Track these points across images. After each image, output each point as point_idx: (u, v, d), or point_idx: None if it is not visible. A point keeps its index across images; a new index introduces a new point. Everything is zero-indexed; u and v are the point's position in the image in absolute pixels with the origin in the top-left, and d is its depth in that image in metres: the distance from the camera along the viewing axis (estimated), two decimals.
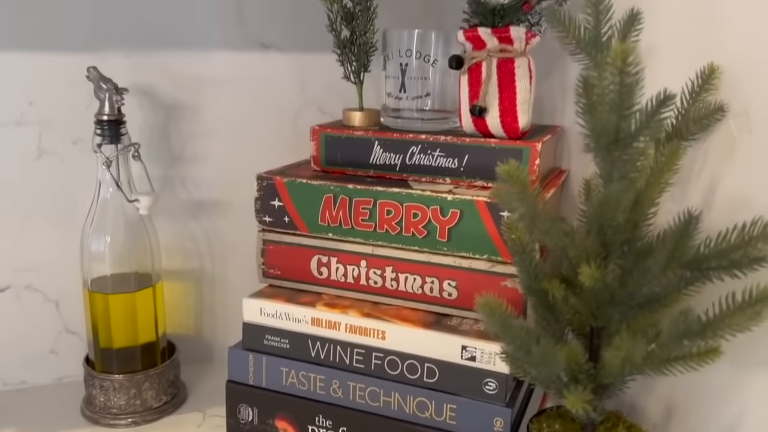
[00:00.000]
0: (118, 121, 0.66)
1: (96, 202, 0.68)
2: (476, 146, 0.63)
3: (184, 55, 0.75)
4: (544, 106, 0.75)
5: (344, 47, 0.69)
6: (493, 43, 0.60)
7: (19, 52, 0.69)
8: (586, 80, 0.45)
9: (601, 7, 0.49)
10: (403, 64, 0.66)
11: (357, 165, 0.68)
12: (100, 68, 0.67)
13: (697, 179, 0.56)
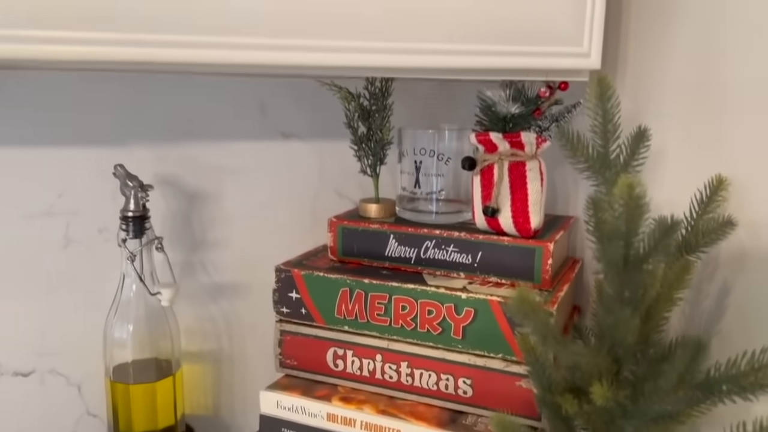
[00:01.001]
0: (143, 216, 0.68)
1: (120, 292, 0.70)
2: (489, 243, 0.64)
3: (207, 146, 0.78)
4: (557, 194, 0.77)
5: (361, 143, 0.71)
6: (504, 146, 0.61)
7: (50, 147, 0.73)
8: (596, 202, 0.46)
9: (609, 126, 0.50)
10: (418, 161, 0.68)
11: (373, 257, 0.69)
12: (126, 160, 0.70)
13: (708, 283, 0.57)
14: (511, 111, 0.59)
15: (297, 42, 0.49)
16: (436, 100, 0.80)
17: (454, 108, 0.79)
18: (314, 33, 0.49)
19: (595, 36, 0.55)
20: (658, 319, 0.49)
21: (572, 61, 0.55)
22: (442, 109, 0.81)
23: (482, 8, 0.53)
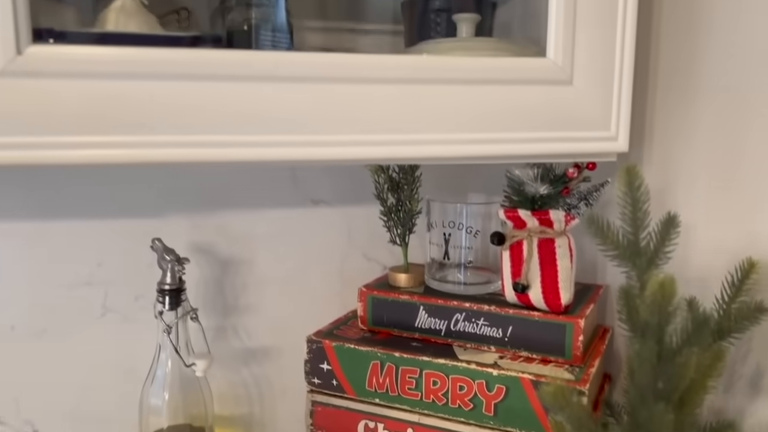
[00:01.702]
0: (179, 289, 0.70)
1: (156, 362, 0.72)
2: (520, 318, 0.64)
3: (239, 214, 0.80)
4: (585, 260, 0.77)
5: (390, 213, 0.73)
6: (533, 223, 0.62)
7: (90, 219, 0.75)
8: (627, 293, 0.47)
9: (638, 214, 0.51)
10: (447, 234, 0.69)
11: (403, 327, 0.70)
12: (162, 229, 0.72)
13: (742, 365, 0.57)
14: (539, 191, 0.60)
15: (329, 138, 0.50)
16: (465, 170, 0.82)
17: (482, 178, 0.80)
18: (347, 129, 0.51)
19: (623, 119, 0.56)
20: (692, 406, 0.49)
21: (600, 145, 0.56)
22: (470, 179, 0.83)
23: (509, 97, 0.54)
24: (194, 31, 0.63)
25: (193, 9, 0.65)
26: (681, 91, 0.63)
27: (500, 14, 0.77)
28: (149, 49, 0.47)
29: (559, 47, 0.55)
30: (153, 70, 0.47)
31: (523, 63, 0.55)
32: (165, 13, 0.64)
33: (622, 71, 0.56)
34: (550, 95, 0.55)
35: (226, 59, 0.49)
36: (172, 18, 0.65)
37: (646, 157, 0.66)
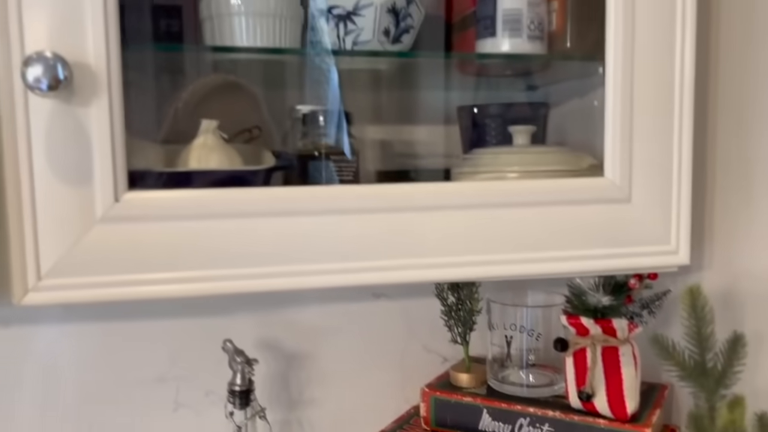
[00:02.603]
0: (249, 390, 0.73)
1: None
2: (585, 425, 0.64)
3: (304, 309, 0.83)
4: (648, 356, 0.77)
5: (450, 312, 0.74)
6: (596, 331, 0.63)
7: (162, 319, 0.79)
8: (697, 419, 0.47)
9: (703, 332, 0.51)
10: (508, 336, 0.70)
11: (466, 429, 0.71)
12: (232, 327, 0.75)
13: None
14: (601, 302, 0.61)
15: (400, 262, 0.53)
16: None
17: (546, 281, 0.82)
18: (416, 253, 0.53)
19: (683, 233, 0.57)
20: None
21: (660, 259, 0.57)
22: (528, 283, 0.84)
23: (568, 216, 0.56)
24: (265, 148, 0.67)
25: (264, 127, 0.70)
26: (739, 190, 0.64)
27: (553, 116, 0.79)
28: (228, 190, 0.51)
29: (616, 167, 0.57)
30: (231, 210, 0.51)
31: (582, 183, 0.57)
32: (239, 131, 0.69)
33: (680, 186, 0.58)
34: (609, 213, 0.56)
35: (297, 196, 0.52)
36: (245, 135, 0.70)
37: (707, 260, 0.66)
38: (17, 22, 0.46)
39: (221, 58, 0.65)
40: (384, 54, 0.63)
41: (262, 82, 0.70)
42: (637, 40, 0.57)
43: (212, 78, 0.66)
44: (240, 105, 0.70)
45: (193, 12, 0.60)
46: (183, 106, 0.64)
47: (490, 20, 0.61)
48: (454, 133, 0.83)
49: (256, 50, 0.58)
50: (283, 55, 0.62)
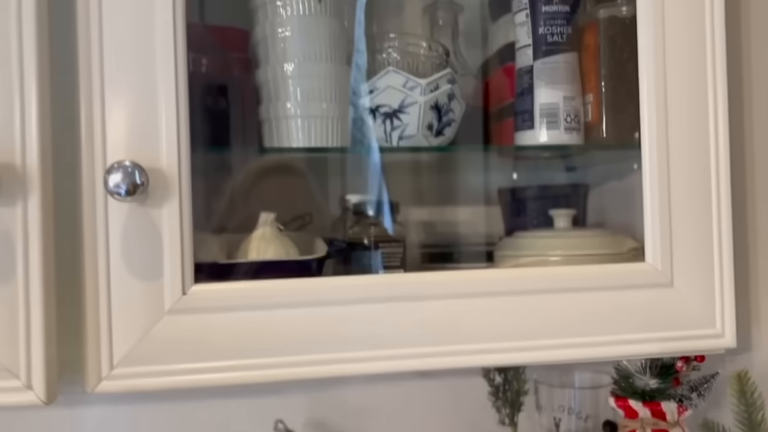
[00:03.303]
0: None
1: None
2: None
3: (352, 389, 0.84)
4: None
5: (498, 392, 0.75)
6: (645, 413, 0.63)
7: (215, 399, 0.82)
8: None
9: (754, 417, 0.51)
10: (557, 418, 0.70)
11: None
12: (283, 407, 0.77)
13: None
14: (649, 385, 0.61)
15: (444, 349, 0.55)
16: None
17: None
18: (463, 340, 0.55)
19: (728, 316, 0.58)
20: None
21: (706, 342, 0.58)
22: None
23: (610, 302, 0.57)
24: (316, 234, 0.70)
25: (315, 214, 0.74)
26: None
27: (593, 197, 0.81)
28: (287, 281, 0.54)
29: (657, 252, 0.58)
30: (290, 299, 0.54)
31: (624, 269, 0.59)
32: (292, 218, 0.73)
33: (722, 269, 0.59)
34: (652, 298, 0.58)
35: (351, 284, 0.55)
36: (297, 222, 0.74)
37: (755, 341, 0.66)
38: (101, 135, 0.51)
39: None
40: (428, 149, 0.67)
41: (313, 172, 0.75)
42: (671, 128, 0.60)
43: (265, 160, 0.71)
44: (291, 185, 0.75)
45: (254, 115, 0.65)
46: (238, 186, 0.69)
47: (528, 114, 0.64)
48: (495, 213, 0.86)
49: (310, 150, 0.62)
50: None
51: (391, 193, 0.72)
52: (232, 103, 0.66)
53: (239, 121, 0.66)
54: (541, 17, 0.63)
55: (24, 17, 0.49)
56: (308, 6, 0.62)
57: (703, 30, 0.61)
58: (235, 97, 0.66)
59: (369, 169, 0.68)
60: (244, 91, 0.67)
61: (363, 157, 0.68)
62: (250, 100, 0.66)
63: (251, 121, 0.65)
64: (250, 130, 0.66)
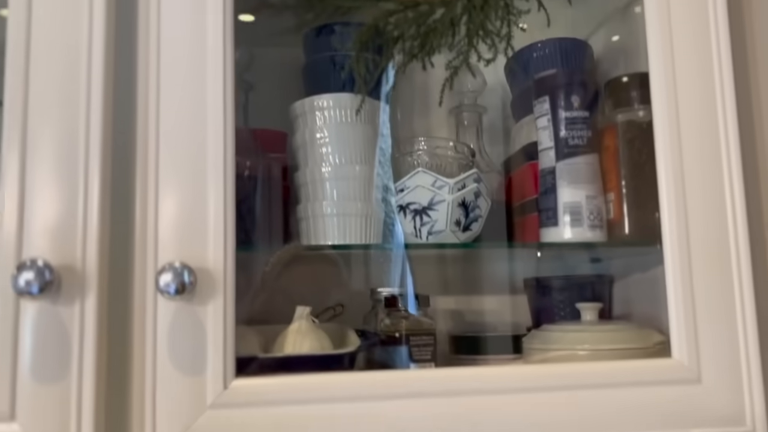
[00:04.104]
0: None
1: None
2: None
3: None
4: None
5: None
6: None
7: None
8: None
9: None
10: None
11: None
12: None
13: None
14: None
15: None
16: None
17: None
18: None
19: (758, 413, 0.58)
20: None
21: None
22: None
23: (637, 398, 0.58)
24: (348, 325, 0.73)
25: (347, 305, 0.77)
26: None
27: (618, 288, 0.83)
28: (321, 376, 0.56)
29: (683, 348, 0.59)
30: (326, 394, 0.56)
31: (651, 365, 0.60)
32: (324, 309, 0.76)
33: (749, 364, 0.60)
34: (679, 394, 0.58)
35: (385, 380, 0.57)
36: (329, 312, 0.77)
37: None
38: (153, 236, 0.55)
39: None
40: (456, 246, 0.70)
41: (345, 264, 0.78)
42: (691, 226, 0.62)
43: (295, 246, 0.75)
44: (322, 270, 0.78)
45: (292, 213, 0.69)
46: (269, 271, 0.73)
47: (552, 212, 0.68)
48: (521, 301, 0.88)
49: (346, 247, 0.66)
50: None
51: (419, 284, 0.74)
52: (272, 201, 0.71)
53: (278, 219, 0.70)
54: (562, 122, 0.68)
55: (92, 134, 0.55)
56: (345, 115, 0.67)
57: (717, 136, 0.64)
58: (275, 196, 0.71)
59: (399, 262, 0.72)
60: (283, 191, 0.71)
61: (394, 252, 0.71)
62: (288, 200, 0.70)
63: (290, 219, 0.69)
64: (288, 227, 0.70)
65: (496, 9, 0.61)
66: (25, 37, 0.56)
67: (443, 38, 0.60)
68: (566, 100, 0.68)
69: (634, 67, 0.78)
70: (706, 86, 0.65)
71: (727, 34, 0.66)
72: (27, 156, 0.54)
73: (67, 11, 0.56)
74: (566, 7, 0.70)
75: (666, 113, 0.63)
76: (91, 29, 0.56)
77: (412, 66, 0.68)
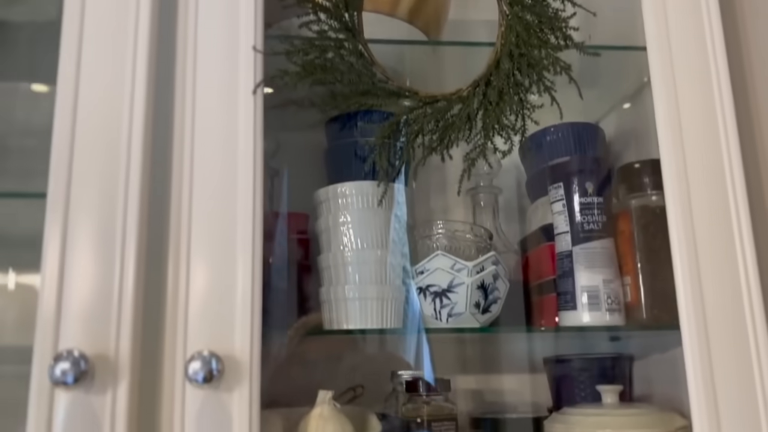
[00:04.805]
0: None
1: None
2: None
3: None
4: None
5: None
6: None
7: None
8: None
9: None
10: None
11: None
12: None
13: None
14: None
15: None
16: None
17: None
18: None
19: None
20: None
21: None
22: None
23: None
24: (368, 408, 0.73)
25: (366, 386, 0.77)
26: None
27: (638, 367, 0.83)
28: None
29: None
30: None
31: None
32: (344, 390, 0.76)
33: None
34: None
35: None
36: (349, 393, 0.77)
37: None
38: (183, 326, 0.57)
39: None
40: (475, 330, 0.71)
41: (366, 346, 0.80)
42: (708, 311, 0.63)
43: (313, 317, 0.75)
44: (343, 351, 0.79)
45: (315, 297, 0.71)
46: (287, 342, 0.73)
47: (570, 295, 0.69)
48: (541, 380, 0.88)
49: (370, 332, 0.67)
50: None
51: (439, 364, 0.75)
52: (295, 284, 0.73)
53: (301, 302, 0.72)
54: (576, 208, 0.70)
55: (128, 222, 0.57)
56: (367, 201, 0.69)
57: (729, 222, 0.66)
58: (299, 278, 0.73)
59: (420, 346, 0.72)
60: (303, 271, 0.74)
61: (415, 336, 0.72)
62: (309, 282, 0.72)
63: (312, 302, 0.71)
64: (310, 310, 0.71)
65: (510, 104, 0.64)
66: (71, 128, 0.59)
67: (461, 132, 0.63)
68: (580, 186, 0.70)
69: (645, 148, 0.81)
70: (716, 173, 0.67)
71: (735, 125, 0.69)
72: (67, 242, 0.57)
73: (110, 100, 0.60)
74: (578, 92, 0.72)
75: (678, 200, 0.65)
76: (131, 119, 0.60)
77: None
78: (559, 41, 0.67)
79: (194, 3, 0.64)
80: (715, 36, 0.71)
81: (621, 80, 0.86)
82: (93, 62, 0.61)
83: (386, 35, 0.71)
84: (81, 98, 0.60)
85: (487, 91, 0.64)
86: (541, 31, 0.66)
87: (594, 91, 0.85)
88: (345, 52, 0.62)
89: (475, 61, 0.72)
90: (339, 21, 0.61)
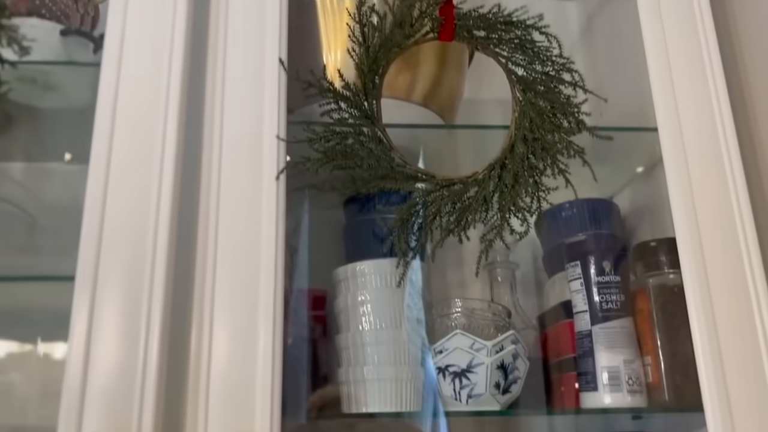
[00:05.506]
0: None
1: None
2: None
3: None
4: None
5: None
6: None
7: None
8: None
9: None
10: None
11: None
12: None
13: None
14: None
15: None
16: None
17: None
18: None
19: None
20: None
21: None
22: None
23: None
24: None
25: None
26: None
27: None
28: None
29: None
30: None
31: None
32: None
33: None
34: None
35: None
36: None
37: None
38: (204, 413, 0.57)
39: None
40: (495, 414, 0.71)
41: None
42: (732, 395, 0.62)
43: (329, 390, 0.74)
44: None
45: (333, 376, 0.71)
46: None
47: (591, 376, 0.68)
48: None
49: (389, 415, 0.67)
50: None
51: None
52: (313, 363, 0.73)
53: (319, 380, 0.72)
54: (594, 286, 0.70)
55: (153, 303, 0.59)
56: (385, 280, 0.70)
57: (749, 299, 0.66)
58: (316, 359, 0.73)
59: (440, 427, 0.72)
60: (324, 353, 0.74)
61: (434, 416, 0.72)
62: (328, 362, 0.72)
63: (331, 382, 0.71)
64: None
65: (525, 186, 0.65)
66: (101, 209, 0.61)
67: (477, 214, 0.64)
68: (597, 265, 0.71)
69: (660, 223, 0.82)
70: (732, 251, 0.67)
71: (748, 202, 0.69)
72: (93, 322, 0.58)
73: (139, 183, 0.62)
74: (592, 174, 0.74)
75: (696, 280, 0.66)
76: (159, 201, 0.62)
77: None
78: (571, 125, 0.69)
79: (220, 93, 0.67)
80: (724, 116, 0.73)
81: (633, 157, 0.88)
82: (125, 144, 0.64)
83: (402, 119, 0.74)
84: (111, 181, 0.62)
85: (502, 174, 0.66)
86: (554, 116, 0.68)
87: (607, 167, 0.86)
88: (364, 138, 0.64)
89: (489, 142, 0.74)
90: (359, 109, 0.64)
